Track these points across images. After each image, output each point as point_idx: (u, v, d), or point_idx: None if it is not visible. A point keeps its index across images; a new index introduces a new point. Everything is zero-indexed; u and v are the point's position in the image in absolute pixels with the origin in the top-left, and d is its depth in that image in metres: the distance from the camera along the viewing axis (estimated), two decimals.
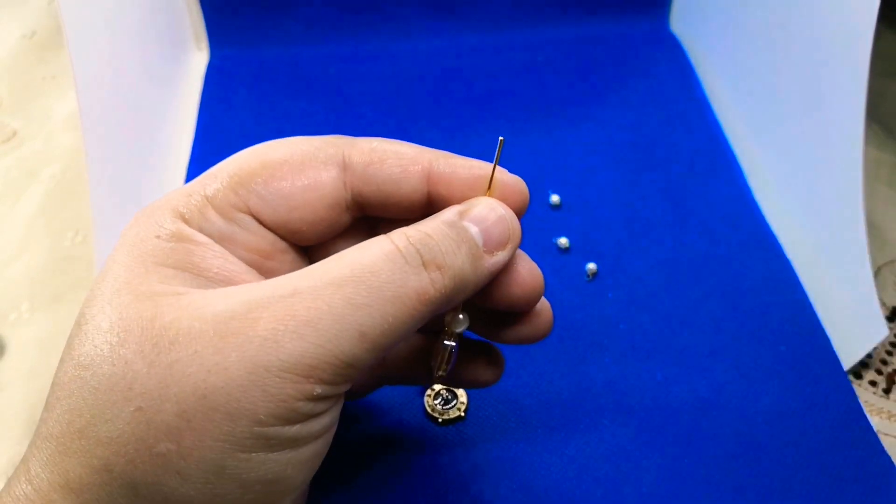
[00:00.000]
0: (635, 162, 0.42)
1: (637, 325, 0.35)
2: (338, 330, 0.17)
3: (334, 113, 0.45)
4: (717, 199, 0.40)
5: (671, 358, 0.33)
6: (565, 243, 0.38)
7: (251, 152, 0.21)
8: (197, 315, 0.17)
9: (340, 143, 0.22)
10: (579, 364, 0.33)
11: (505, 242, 0.20)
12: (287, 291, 0.18)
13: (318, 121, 0.44)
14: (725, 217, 0.39)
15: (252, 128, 0.44)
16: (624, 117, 0.45)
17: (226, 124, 0.44)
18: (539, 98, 0.46)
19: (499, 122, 0.44)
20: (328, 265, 0.18)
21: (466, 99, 0.46)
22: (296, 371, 0.17)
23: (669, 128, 0.44)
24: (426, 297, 0.18)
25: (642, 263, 0.37)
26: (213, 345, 0.17)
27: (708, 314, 0.35)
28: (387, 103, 0.46)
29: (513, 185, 0.21)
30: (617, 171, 0.42)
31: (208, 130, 0.44)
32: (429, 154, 0.21)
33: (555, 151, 0.43)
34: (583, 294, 0.36)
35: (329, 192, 0.21)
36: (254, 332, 0.17)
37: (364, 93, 0.46)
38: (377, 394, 0.31)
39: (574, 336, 0.34)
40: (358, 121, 0.44)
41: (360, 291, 0.18)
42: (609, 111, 0.45)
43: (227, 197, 0.20)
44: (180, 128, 0.45)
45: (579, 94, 0.46)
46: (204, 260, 0.20)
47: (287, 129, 0.44)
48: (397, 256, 0.18)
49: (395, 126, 0.44)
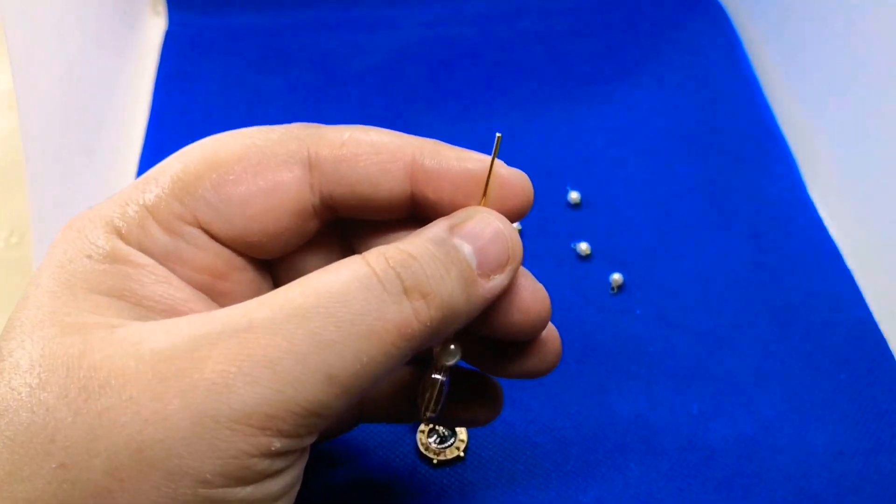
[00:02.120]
0: (670, 152, 0.42)
1: (670, 348, 0.34)
2: (301, 372, 0.17)
3: (314, 92, 0.45)
4: (766, 198, 0.40)
5: (710, 387, 0.33)
6: (586, 249, 0.38)
7: (198, 149, 0.21)
8: (133, 353, 0.17)
9: (305, 134, 0.21)
10: (600, 394, 0.33)
11: (504, 263, 0.20)
12: (241, 325, 0.17)
13: (294, 101, 0.44)
14: (776, 219, 0.39)
15: (217, 109, 0.44)
16: (657, 98, 0.45)
17: (186, 104, 0.44)
18: (557, 75, 0.46)
19: (509, 104, 0.44)
20: (290, 292, 0.18)
21: (471, 76, 0.46)
22: (250, 422, 0.17)
23: (711, 111, 0.44)
24: (408, 332, 0.18)
25: (677, 274, 0.37)
26: (151, 389, 0.17)
27: (754, 335, 0.35)
28: (376, 81, 0.45)
29: (513, 181, 0.21)
30: (648, 162, 0.42)
31: (165, 111, 0.44)
32: (413, 145, 0.21)
33: (575, 139, 0.43)
34: (606, 310, 0.36)
35: (293, 197, 0.21)
36: (200, 374, 0.17)
37: (349, 68, 0.46)
38: (360, 430, 0.31)
39: (595, 360, 0.34)
40: (342, 102, 0.44)
41: (328, 325, 0.17)
42: (640, 91, 0.45)
43: (171, 206, 0.20)
44: (133, 108, 0.44)
45: (604, 69, 0.46)
46: (143, 286, 0.19)
47: (258, 111, 0.44)
48: (373, 282, 0.18)
49: (386, 108, 0.44)
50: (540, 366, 0.24)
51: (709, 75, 0.46)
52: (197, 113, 0.44)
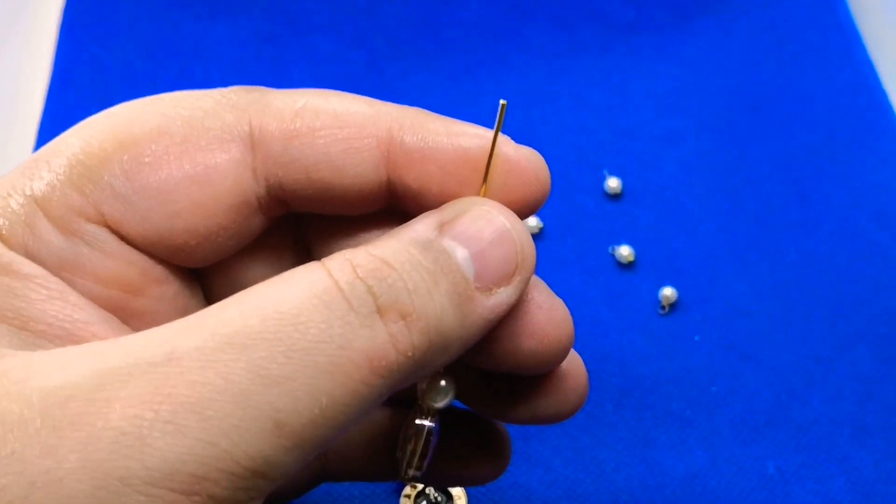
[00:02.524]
0: (739, 125, 0.42)
1: (738, 386, 0.34)
2: (239, 418, 0.17)
3: (270, 43, 0.45)
4: (868, 186, 0.40)
5: (791, 439, 0.33)
6: (627, 254, 0.38)
7: (104, 122, 0.21)
8: (17, 393, 0.17)
9: (246, 101, 0.21)
10: (645, 446, 0.33)
11: (510, 273, 0.20)
12: (159, 356, 0.17)
13: (244, 55, 0.44)
14: (883, 214, 0.39)
15: (140, 63, 0.44)
16: (723, 53, 0.44)
17: (99, 56, 0.44)
18: (590, 18, 0.45)
19: (526, 59, 0.44)
20: (225, 313, 0.18)
21: (475, 21, 0.45)
22: (171, 484, 0.17)
23: (794, 71, 0.44)
24: (383, 365, 0.18)
25: (748, 288, 0.37)
26: (41, 441, 0.17)
27: (851, 372, 0.35)
28: (352, 28, 0.45)
29: (522, 163, 0.21)
30: (710, 139, 0.41)
31: (72, 65, 0.44)
32: (389, 116, 0.21)
33: (614, 107, 0.42)
34: (654, 335, 0.36)
35: (229, 186, 0.21)
36: (105, 422, 0.17)
37: (317, 11, 0.46)
38: (323, 491, 0.31)
39: (638, 401, 0.34)
40: (307, 55, 0.44)
41: (276, 356, 0.17)
42: (700, 42, 0.45)
43: (67, 198, 0.20)
44: (31, 61, 0.44)
45: (654, 13, 0.46)
46: (30, 303, 0.19)
47: (194, 70, 0.44)
48: (337, 299, 0.18)
49: (365, 64, 0.44)
50: (559, 408, 0.24)
51: (793, 23, 0.45)
52: (113, 69, 0.44)
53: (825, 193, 0.40)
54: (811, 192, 0.40)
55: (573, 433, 0.33)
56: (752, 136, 0.42)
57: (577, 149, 0.41)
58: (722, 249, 0.38)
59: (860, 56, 0.44)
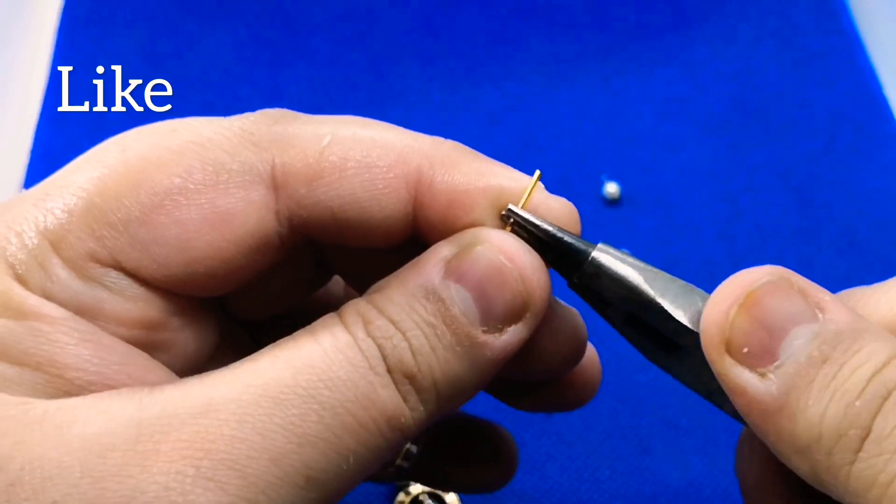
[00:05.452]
0: (741, 131, 0.42)
1: None
2: (276, 476, 0.18)
3: (270, 45, 0.45)
4: (869, 194, 0.40)
5: None
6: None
7: (117, 155, 0.20)
8: (56, 439, 0.17)
9: (268, 138, 0.21)
10: (642, 455, 0.33)
11: (518, 310, 0.20)
12: (198, 406, 0.18)
13: (245, 57, 0.44)
14: (883, 223, 0.39)
15: (139, 66, 0.43)
16: (725, 58, 0.44)
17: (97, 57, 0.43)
18: (593, 25, 0.46)
19: (528, 64, 0.44)
20: (259, 364, 0.19)
21: (475, 25, 0.45)
22: None
23: (795, 78, 0.44)
24: (401, 422, 0.19)
25: None
26: (80, 492, 0.17)
27: None
28: (353, 32, 0.45)
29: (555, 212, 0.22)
30: (711, 145, 0.41)
31: (71, 66, 0.42)
32: (420, 151, 0.21)
33: (614, 112, 0.42)
34: None
35: (251, 229, 0.21)
36: (148, 475, 0.17)
37: (319, 14, 0.46)
38: None
39: (634, 409, 0.34)
40: (307, 58, 0.44)
41: (310, 415, 0.18)
42: (702, 48, 0.45)
43: (82, 242, 0.20)
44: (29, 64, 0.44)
45: (656, 19, 0.46)
46: (63, 347, 0.19)
47: (196, 70, 0.44)
48: (358, 356, 0.19)
49: (365, 69, 0.44)
50: (573, 398, 0.25)
51: (795, 29, 0.45)
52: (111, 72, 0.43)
53: (825, 200, 0.40)
54: (811, 199, 0.40)
55: (569, 440, 0.33)
56: (752, 142, 0.42)
57: (576, 154, 0.41)
58: (721, 256, 0.38)
59: (862, 63, 0.44)
